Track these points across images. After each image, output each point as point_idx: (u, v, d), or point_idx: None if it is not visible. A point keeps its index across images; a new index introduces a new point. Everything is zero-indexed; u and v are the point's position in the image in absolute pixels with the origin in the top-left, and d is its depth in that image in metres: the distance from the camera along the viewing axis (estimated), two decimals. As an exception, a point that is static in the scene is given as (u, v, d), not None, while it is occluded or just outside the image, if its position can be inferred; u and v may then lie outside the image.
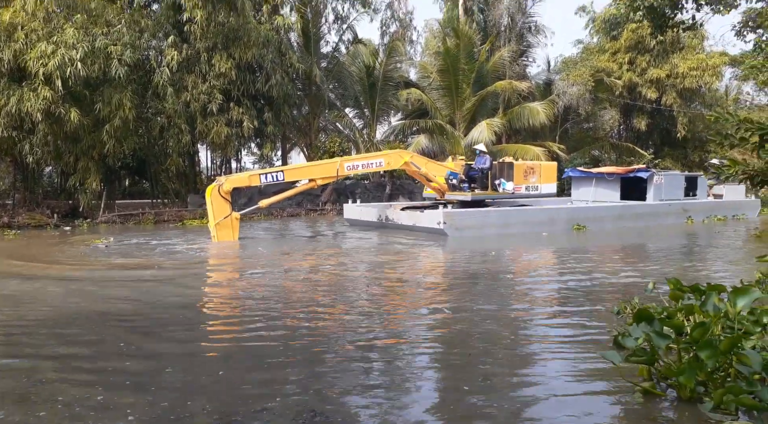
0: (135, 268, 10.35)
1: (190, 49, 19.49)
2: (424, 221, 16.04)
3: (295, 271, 9.89)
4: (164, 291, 8.14)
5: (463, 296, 7.74)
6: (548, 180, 18.70)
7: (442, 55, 26.90)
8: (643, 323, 4.08)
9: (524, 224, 16.86)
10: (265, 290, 8.15)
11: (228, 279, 9.54)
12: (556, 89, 29.26)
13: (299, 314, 6.72)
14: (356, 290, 8.27)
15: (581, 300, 7.51)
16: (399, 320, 6.43)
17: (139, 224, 19.81)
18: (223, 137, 20.21)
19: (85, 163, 19.16)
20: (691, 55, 29.67)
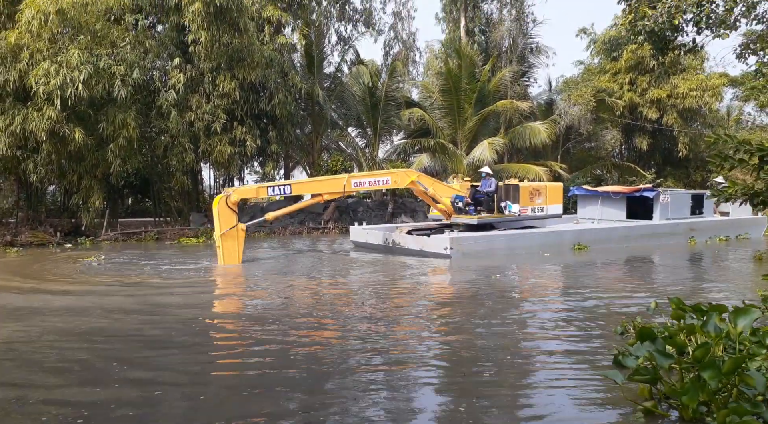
0: (125, 286, 10.29)
1: (194, 69, 19.70)
2: (431, 245, 16.00)
3: (297, 294, 9.84)
4: (153, 313, 8.00)
5: (464, 318, 7.72)
6: (554, 201, 18.70)
7: (444, 75, 27.09)
8: (647, 342, 4.07)
9: (531, 247, 16.83)
10: (265, 313, 8.12)
11: (227, 302, 9.52)
12: (558, 109, 29.41)
13: (301, 338, 6.69)
14: (359, 313, 8.23)
15: (583, 320, 7.48)
16: (400, 345, 6.40)
17: (141, 241, 19.83)
18: (226, 156, 20.33)
19: (89, 182, 19.26)
20: (692, 76, 29.84)
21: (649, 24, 14.62)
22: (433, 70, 30.44)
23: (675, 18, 12.86)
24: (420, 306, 8.59)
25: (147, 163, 22.03)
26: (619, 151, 35.70)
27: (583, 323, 7.36)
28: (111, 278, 11.22)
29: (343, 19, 29.35)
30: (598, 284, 10.74)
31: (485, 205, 17.63)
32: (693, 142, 31.12)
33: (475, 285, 10.65)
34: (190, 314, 7.82)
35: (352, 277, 11.77)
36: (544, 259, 15.36)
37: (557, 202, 18.84)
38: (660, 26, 14.34)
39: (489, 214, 17.50)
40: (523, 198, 17.89)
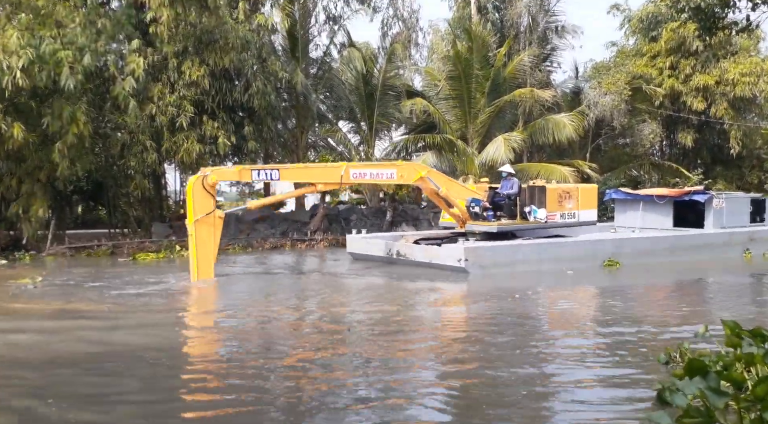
0: (62, 318, 9.80)
1: (156, 53, 19.61)
2: (442, 257, 15.85)
3: (280, 328, 9.65)
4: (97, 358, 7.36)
5: (482, 347, 7.61)
6: (587, 206, 18.63)
7: (452, 59, 27.11)
8: (697, 378, 3.95)
9: (560, 260, 16.60)
10: (241, 344, 7.99)
11: (193, 340, 9.31)
12: (586, 99, 29.41)
13: (285, 371, 6.57)
14: (354, 349, 8.07)
15: (619, 347, 7.39)
16: (402, 385, 6.26)
17: (93, 257, 19.69)
18: (194, 156, 20.20)
19: (30, 187, 19.10)
20: (744, 59, 29.80)
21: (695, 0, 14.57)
22: (438, 53, 30.48)
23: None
24: (426, 336, 8.47)
25: (100, 164, 21.92)
26: (659, 149, 35.71)
27: (619, 349, 7.25)
28: (47, 305, 10.80)
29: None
30: (636, 305, 10.64)
31: (506, 211, 17.52)
32: (747, 138, 31.09)
33: (493, 308, 10.52)
34: (147, 357, 7.18)
35: (348, 301, 11.62)
36: (570, 276, 15.22)
37: (591, 208, 18.77)
38: (708, 2, 14.31)
39: (510, 220, 17.38)
40: (551, 202, 17.77)
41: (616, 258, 17.45)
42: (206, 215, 13.82)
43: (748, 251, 20.28)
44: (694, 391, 3.91)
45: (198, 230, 13.78)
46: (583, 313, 10.30)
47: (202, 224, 13.79)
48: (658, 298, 12.06)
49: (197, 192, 13.90)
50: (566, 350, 7.34)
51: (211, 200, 14.06)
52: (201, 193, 13.92)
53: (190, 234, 13.97)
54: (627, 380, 6.01)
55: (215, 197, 14.29)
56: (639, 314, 9.68)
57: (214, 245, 14.09)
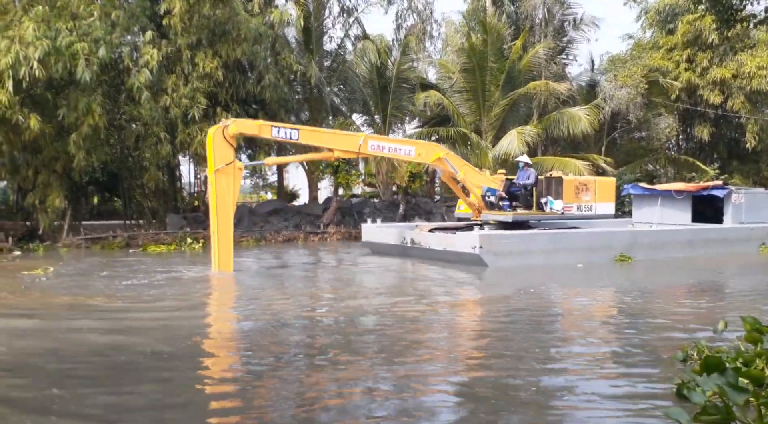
0: (70, 310, 9.58)
1: (170, 46, 19.65)
2: (457, 244, 15.81)
3: (293, 315, 9.65)
4: (106, 352, 7.10)
5: (495, 343, 7.58)
6: (605, 199, 18.51)
7: (467, 52, 26.97)
8: (715, 374, 3.90)
9: (577, 251, 16.55)
10: (249, 344, 7.93)
11: (209, 325, 9.35)
12: (602, 92, 29.20)
13: (297, 371, 6.56)
14: (364, 342, 8.04)
15: (635, 343, 7.31)
16: (412, 385, 6.22)
17: (108, 248, 19.81)
18: (208, 148, 20.25)
19: (47, 178, 19.25)
20: (762, 52, 29.44)
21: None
22: (453, 46, 30.33)
23: (744, -18, 12.62)
24: (438, 332, 8.44)
25: (116, 155, 22.03)
26: (676, 143, 35.41)
27: (635, 346, 7.18)
28: (55, 297, 10.63)
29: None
30: (651, 301, 10.54)
31: (522, 201, 17.46)
32: (764, 132, 30.75)
33: (508, 303, 10.48)
34: (159, 356, 6.79)
35: (361, 296, 11.57)
36: (583, 271, 15.12)
37: (608, 200, 18.66)
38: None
39: (526, 210, 17.33)
40: (568, 193, 17.67)
41: (632, 251, 17.35)
42: (226, 165, 13.74)
43: (765, 245, 20.13)
44: (713, 387, 3.86)
45: (218, 181, 13.72)
46: (599, 309, 10.23)
47: (221, 174, 13.70)
48: (675, 294, 11.95)
49: (217, 142, 13.79)
50: (581, 347, 7.29)
51: (231, 151, 13.95)
52: (221, 144, 13.80)
53: (210, 183, 13.98)
54: (644, 377, 5.95)
55: (235, 148, 14.22)
56: (655, 311, 9.59)
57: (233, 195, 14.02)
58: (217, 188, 13.72)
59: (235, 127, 13.90)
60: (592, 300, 11.03)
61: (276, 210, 26.47)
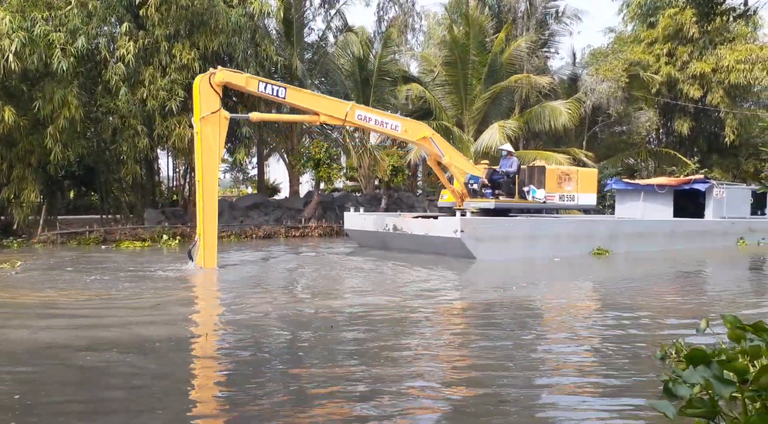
0: (38, 306, 9.21)
1: (148, 37, 19.37)
2: (438, 229, 16.01)
3: (274, 316, 9.54)
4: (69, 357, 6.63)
5: (477, 345, 7.53)
6: (587, 189, 18.68)
7: (449, 45, 26.91)
8: (701, 367, 3.86)
9: (556, 238, 16.77)
10: (226, 342, 7.84)
11: (186, 321, 9.23)
12: (583, 86, 29.29)
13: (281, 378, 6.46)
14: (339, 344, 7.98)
15: (614, 341, 7.29)
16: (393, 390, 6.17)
17: (83, 243, 19.54)
18: (186, 141, 20.00)
19: (21, 172, 18.94)
20: (740, 46, 29.66)
21: (692, -16, 14.45)
22: (435, 39, 30.28)
23: (723, -24, 12.66)
24: (422, 331, 8.37)
25: (92, 149, 21.68)
26: (656, 136, 35.66)
27: (614, 345, 7.15)
28: (23, 293, 10.25)
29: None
30: (630, 297, 10.55)
31: (504, 188, 17.55)
32: (742, 126, 31.04)
33: (488, 302, 10.45)
34: (129, 361, 6.34)
35: (342, 294, 11.50)
36: (565, 266, 15.15)
37: (590, 191, 18.84)
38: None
39: (509, 198, 17.46)
40: (550, 183, 17.85)
41: (613, 242, 17.50)
42: (212, 113, 13.77)
43: (743, 240, 20.34)
44: (699, 380, 3.81)
45: (204, 130, 13.71)
46: (578, 305, 10.22)
47: (207, 122, 13.71)
48: (654, 289, 11.99)
49: (204, 90, 13.78)
50: (561, 347, 7.23)
51: (217, 99, 13.92)
52: (207, 91, 13.80)
53: (196, 132, 13.88)
54: (625, 376, 5.92)
55: (221, 97, 14.14)
56: (634, 306, 9.59)
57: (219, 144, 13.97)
58: (202, 137, 13.74)
59: (221, 76, 13.85)
60: (573, 296, 11.02)
61: (256, 204, 26.26)
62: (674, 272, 14.40)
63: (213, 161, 13.90)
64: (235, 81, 14.27)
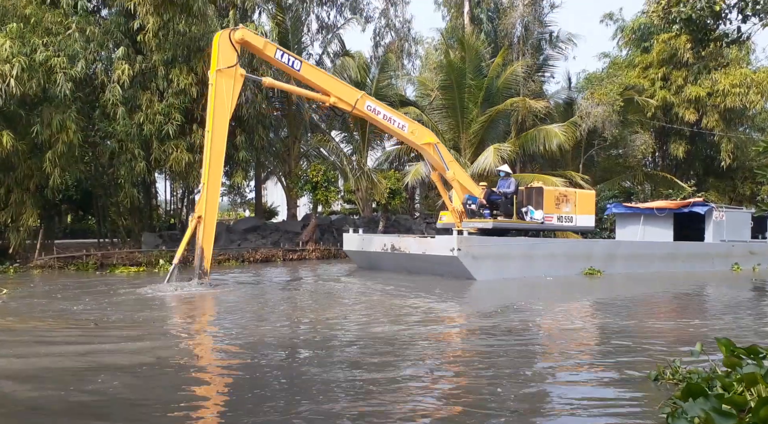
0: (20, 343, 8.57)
1: (146, 61, 19.49)
2: (436, 247, 16.11)
3: (270, 341, 9.49)
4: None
5: (473, 367, 7.47)
6: (585, 211, 18.72)
7: (445, 69, 27.08)
8: (700, 399, 3.83)
9: (552, 257, 16.81)
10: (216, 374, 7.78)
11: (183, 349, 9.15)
12: (579, 110, 29.42)
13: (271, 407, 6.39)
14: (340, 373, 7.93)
15: (608, 362, 7.23)
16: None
17: (82, 268, 19.46)
18: (183, 164, 20.03)
19: (20, 196, 18.89)
20: (735, 71, 29.89)
21: (685, 11, 14.63)
22: (431, 63, 30.49)
23: (716, 3, 12.81)
24: (418, 354, 8.31)
25: (90, 173, 21.73)
26: (652, 160, 35.77)
27: (609, 365, 7.10)
28: (10, 323, 9.88)
29: (324, 4, 29.37)
30: (626, 318, 10.50)
31: (502, 209, 17.62)
32: (738, 149, 31.17)
33: (485, 324, 10.39)
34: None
35: (340, 317, 11.43)
36: (561, 286, 15.11)
37: (588, 213, 18.88)
38: (699, 13, 14.34)
39: (506, 218, 17.51)
40: (548, 204, 17.91)
41: (611, 263, 17.55)
42: (228, 67, 14.25)
43: (737, 265, 20.17)
44: (699, 413, 3.78)
45: (219, 82, 14.14)
46: (574, 326, 10.16)
47: (223, 75, 14.19)
48: (650, 311, 11.94)
49: (223, 44, 14.29)
50: (557, 370, 7.18)
51: (234, 55, 14.41)
52: (226, 46, 14.32)
53: (211, 83, 14.24)
54: (619, 398, 5.87)
55: (238, 54, 14.65)
56: (630, 328, 9.55)
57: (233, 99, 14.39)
58: (217, 89, 14.17)
59: (241, 33, 14.38)
60: (570, 317, 10.96)
61: (254, 227, 26.25)
62: (671, 293, 14.36)
63: (224, 114, 14.36)
64: (254, 41, 14.84)
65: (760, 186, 32.60)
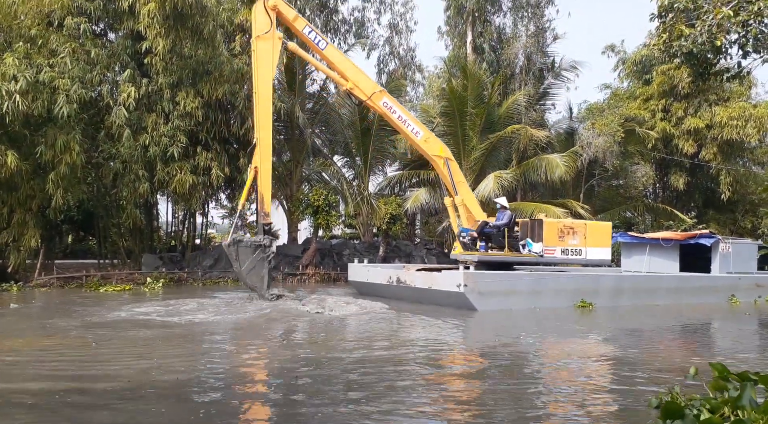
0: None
1: (152, 84, 19.80)
2: (441, 283, 15.96)
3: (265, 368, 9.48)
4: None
5: (476, 395, 7.52)
6: (597, 243, 18.23)
7: (447, 96, 27.39)
8: (678, 421, 3.95)
9: (560, 291, 16.67)
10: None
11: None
12: (580, 139, 29.66)
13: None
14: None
15: (610, 390, 7.31)
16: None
17: (85, 287, 19.55)
18: (187, 186, 20.24)
19: (22, 217, 18.98)
20: (735, 103, 30.14)
21: (686, 45, 14.89)
22: (434, 91, 30.83)
23: (717, 38, 13.07)
24: (415, 391, 8.34)
25: (92, 194, 21.91)
26: (653, 191, 35.91)
27: (610, 393, 7.18)
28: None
29: (329, 31, 29.82)
30: (627, 348, 10.57)
31: (495, 241, 17.52)
32: (737, 182, 31.28)
33: (486, 355, 10.45)
34: None
35: (339, 346, 11.45)
36: (566, 318, 15.13)
37: (602, 245, 18.46)
38: (699, 47, 14.58)
39: (500, 252, 17.43)
40: (549, 236, 17.67)
41: (618, 296, 17.49)
42: (265, 33, 15.91)
43: (734, 297, 19.94)
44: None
45: (258, 47, 15.85)
46: (576, 356, 10.21)
47: (261, 40, 15.93)
48: (656, 340, 12.01)
49: (258, 12, 16.07)
50: (559, 397, 7.25)
51: (268, 21, 16.11)
52: (261, 13, 16.09)
53: (253, 50, 16.03)
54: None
55: (273, 22, 16.24)
56: (631, 358, 9.61)
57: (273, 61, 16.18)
58: (258, 54, 15.93)
59: (274, 1, 16.11)
60: (571, 349, 11.01)
61: (254, 251, 26.30)
62: (676, 325, 14.39)
63: (267, 77, 16.09)
64: (285, 12, 16.48)
65: (761, 220, 32.68)
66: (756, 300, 20.36)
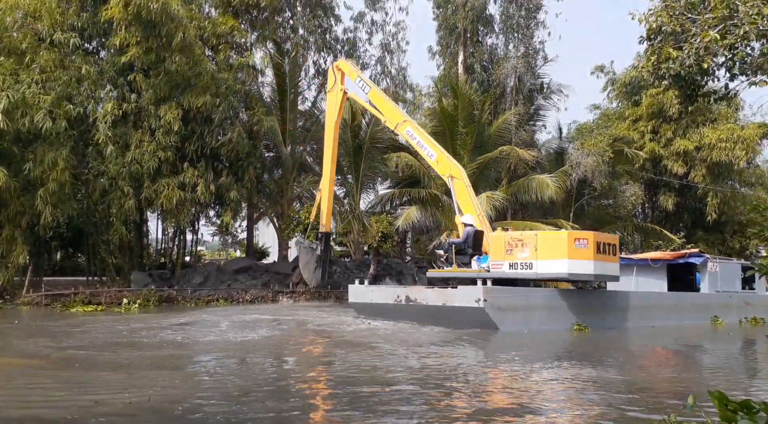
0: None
1: (140, 99, 19.68)
2: (458, 299, 15.53)
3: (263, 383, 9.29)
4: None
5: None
6: (551, 255, 15.89)
7: (437, 116, 27.38)
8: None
9: (572, 307, 16.39)
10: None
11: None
12: (569, 159, 29.69)
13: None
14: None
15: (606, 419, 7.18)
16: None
17: (68, 306, 19.26)
18: (174, 202, 20.03)
19: (11, 233, 18.79)
20: (723, 125, 30.30)
21: (674, 67, 14.92)
22: (424, 110, 30.84)
23: (704, 61, 13.09)
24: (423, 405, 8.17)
25: (82, 210, 21.69)
26: (642, 211, 35.95)
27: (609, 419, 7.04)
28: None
29: (322, 50, 29.81)
30: (627, 373, 10.46)
31: (450, 258, 17.35)
32: (725, 204, 31.35)
33: (492, 380, 10.30)
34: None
35: (344, 367, 11.26)
36: (554, 338, 14.99)
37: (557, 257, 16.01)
38: (687, 70, 14.62)
39: (449, 268, 17.28)
40: (495, 249, 16.50)
41: (637, 312, 17.55)
42: (331, 88, 20.28)
43: (718, 319, 19.46)
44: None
45: (328, 98, 20.54)
46: (570, 382, 10.07)
47: (330, 92, 20.41)
48: (649, 365, 11.90)
49: (329, 72, 19.97)
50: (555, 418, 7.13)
51: (334, 78, 20.31)
52: (330, 72, 20.20)
53: (328, 100, 19.72)
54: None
55: (337, 79, 20.34)
56: (627, 382, 9.49)
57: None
58: (327, 103, 20.98)
59: (339, 63, 20.91)
60: (566, 373, 10.87)
61: (245, 268, 26.13)
62: (667, 347, 14.31)
63: (332, 117, 20.82)
64: (345, 70, 20.51)
65: (749, 240, 32.73)
66: (741, 321, 20.06)
